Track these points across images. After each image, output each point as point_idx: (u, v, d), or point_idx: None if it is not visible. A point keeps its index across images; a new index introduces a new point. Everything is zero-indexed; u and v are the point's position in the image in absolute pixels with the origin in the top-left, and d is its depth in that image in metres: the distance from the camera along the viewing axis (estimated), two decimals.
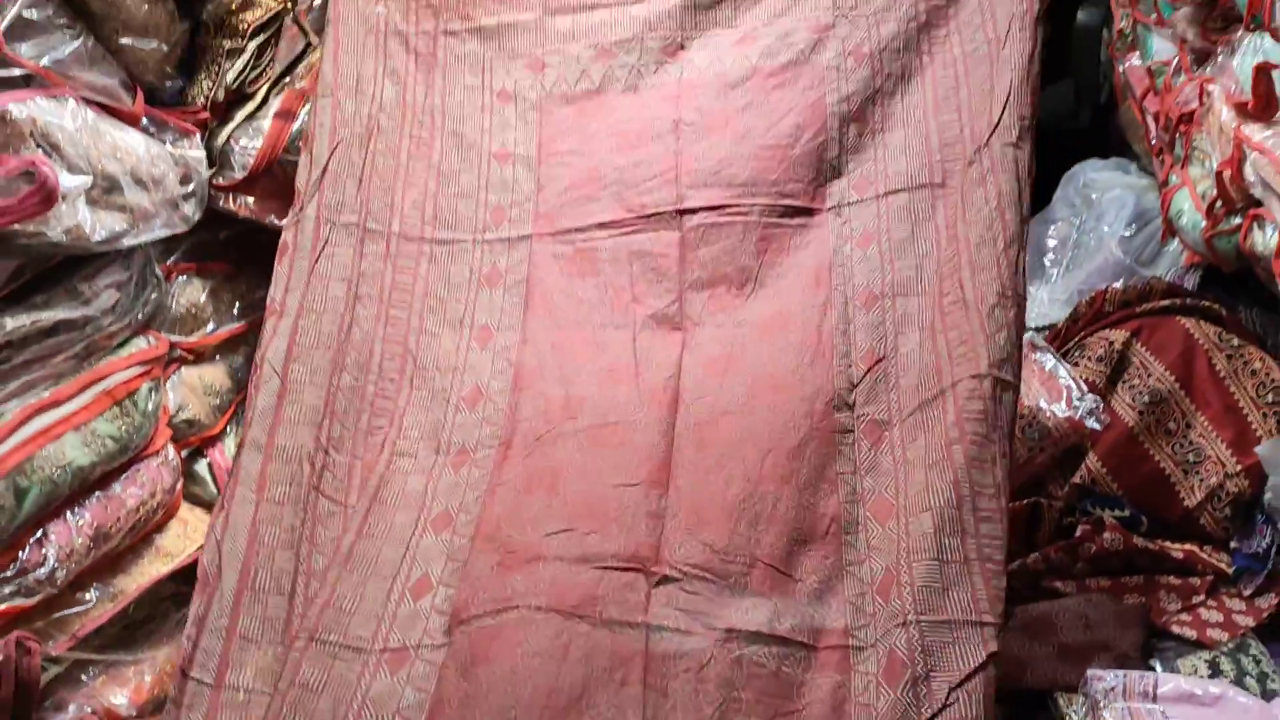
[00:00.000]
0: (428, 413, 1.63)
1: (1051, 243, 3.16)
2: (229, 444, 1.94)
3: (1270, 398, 2.16)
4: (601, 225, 1.75)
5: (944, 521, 1.35)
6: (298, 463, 1.57)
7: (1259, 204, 1.95)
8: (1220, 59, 2.27)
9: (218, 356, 1.97)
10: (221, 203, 1.96)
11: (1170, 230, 2.51)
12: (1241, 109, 2.04)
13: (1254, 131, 1.97)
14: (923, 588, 1.31)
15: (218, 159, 1.96)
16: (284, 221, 1.79)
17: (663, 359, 1.61)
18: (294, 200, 1.79)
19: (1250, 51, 2.06)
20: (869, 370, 1.53)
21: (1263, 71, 1.93)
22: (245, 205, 1.97)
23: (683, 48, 1.87)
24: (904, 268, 1.61)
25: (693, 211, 1.72)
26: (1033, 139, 1.63)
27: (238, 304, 2.01)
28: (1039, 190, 3.31)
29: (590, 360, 1.64)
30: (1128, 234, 2.92)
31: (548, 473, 1.53)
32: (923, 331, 1.54)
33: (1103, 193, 3.10)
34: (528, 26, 1.91)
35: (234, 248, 2.04)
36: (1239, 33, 2.19)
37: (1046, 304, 2.97)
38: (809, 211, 1.70)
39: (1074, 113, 3.46)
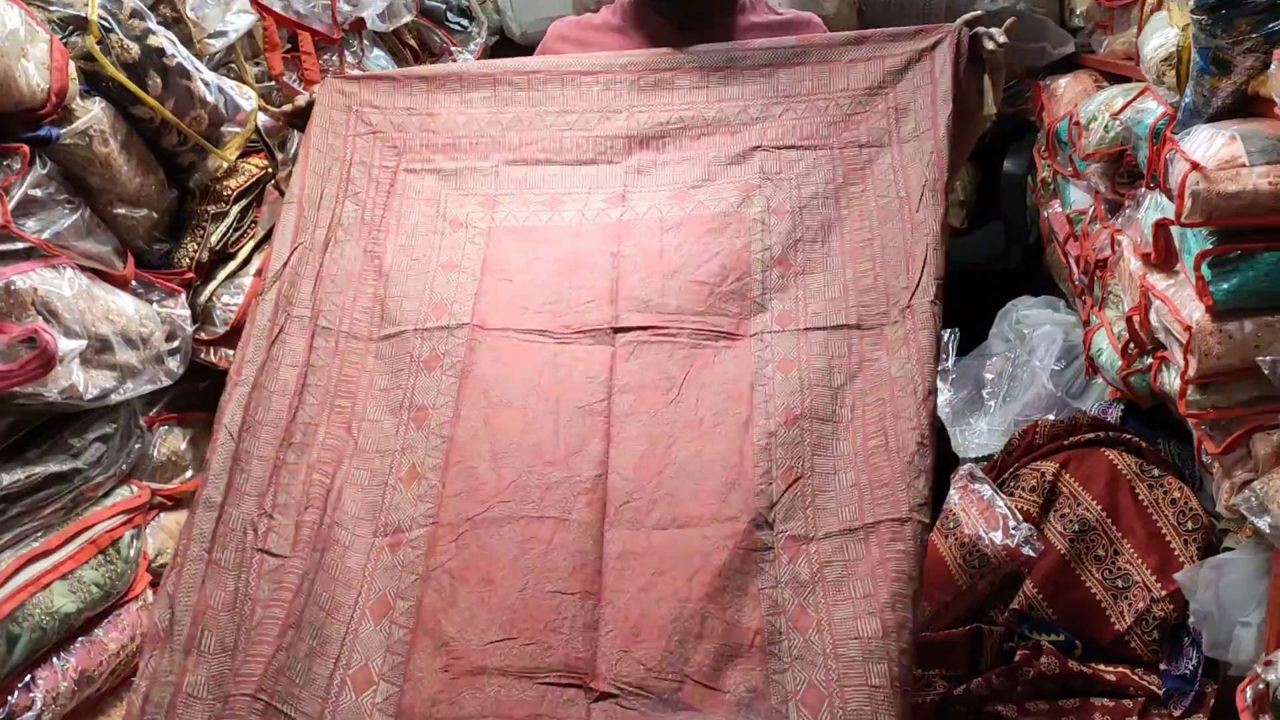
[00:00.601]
0: (365, 493, 1.70)
1: (989, 376, 3.33)
2: None
3: (1190, 525, 2.30)
4: (539, 331, 1.87)
5: (873, 652, 1.45)
6: (242, 530, 1.65)
7: (1165, 346, 2.12)
8: (1128, 211, 2.47)
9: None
10: (203, 355, 2.08)
11: (1092, 367, 2.69)
12: (1146, 259, 2.23)
13: (1157, 281, 2.15)
14: (854, 710, 1.42)
15: (200, 315, 2.09)
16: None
17: (592, 447, 1.71)
18: (262, 278, 1.91)
19: (1152, 207, 2.26)
20: (788, 488, 1.64)
21: (1161, 227, 2.12)
22: (225, 358, 2.08)
23: (624, 198, 2.03)
24: (821, 396, 1.73)
25: (625, 330, 1.86)
26: (944, 293, 1.78)
27: None
28: (977, 326, 3.53)
29: (520, 437, 1.72)
30: (1058, 368, 3.09)
31: (483, 562, 1.60)
32: (840, 461, 1.66)
33: (1034, 329, 3.29)
34: (484, 172, 2.06)
35: (213, 397, 2.14)
36: (1142, 189, 2.40)
37: (985, 435, 3.13)
38: (733, 336, 1.84)
39: (1006, 253, 3.68)
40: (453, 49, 3.26)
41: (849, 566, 1.55)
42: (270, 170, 2.22)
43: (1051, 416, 2.84)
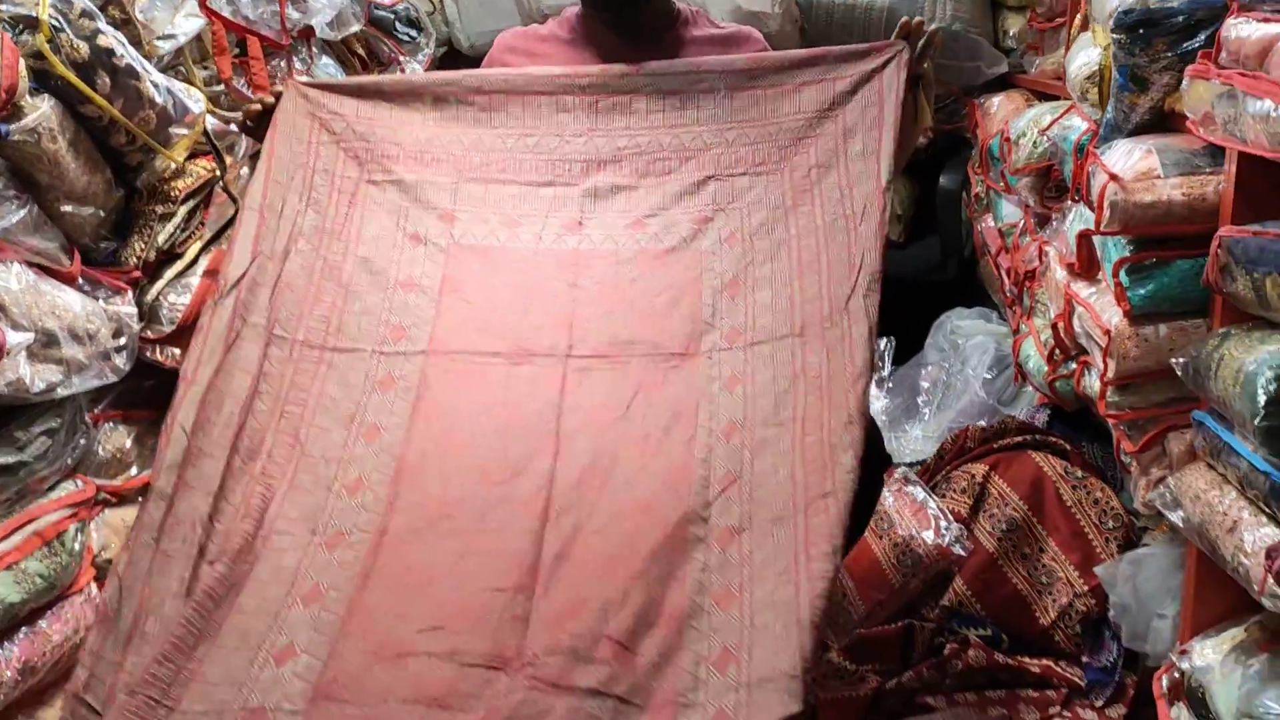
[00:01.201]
0: (309, 496, 1.73)
1: (925, 384, 3.42)
2: None
3: (1110, 524, 2.40)
4: (494, 354, 1.91)
5: (786, 613, 1.52)
6: (190, 524, 1.66)
7: (1087, 352, 2.22)
8: (1055, 224, 2.57)
9: (140, 498, 2.06)
10: (149, 354, 2.09)
11: (1021, 374, 2.79)
12: (1070, 269, 2.33)
13: (1080, 289, 2.25)
14: (759, 662, 1.48)
15: (147, 314, 2.10)
16: (204, 305, 1.92)
17: (538, 465, 1.75)
18: (214, 287, 1.92)
19: (1077, 218, 2.36)
20: (724, 490, 1.70)
21: (1084, 237, 2.22)
22: (171, 357, 2.10)
23: (581, 224, 2.07)
24: (764, 404, 1.79)
25: (579, 357, 1.91)
26: (879, 289, 1.85)
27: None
28: (913, 337, 3.63)
29: (468, 458, 1.76)
30: (989, 377, 3.19)
31: (423, 569, 1.64)
32: (780, 458, 1.72)
33: (967, 339, 3.39)
34: (444, 187, 2.09)
35: (160, 395, 2.15)
36: (1068, 201, 2.50)
37: (920, 441, 3.22)
38: (683, 356, 1.89)
39: (942, 265, 3.78)
40: (401, 59, 3.29)
41: (778, 549, 1.60)
42: (218, 173, 2.24)
43: (983, 423, 2.93)
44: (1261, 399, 1.52)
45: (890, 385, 3.46)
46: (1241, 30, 1.60)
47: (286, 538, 1.69)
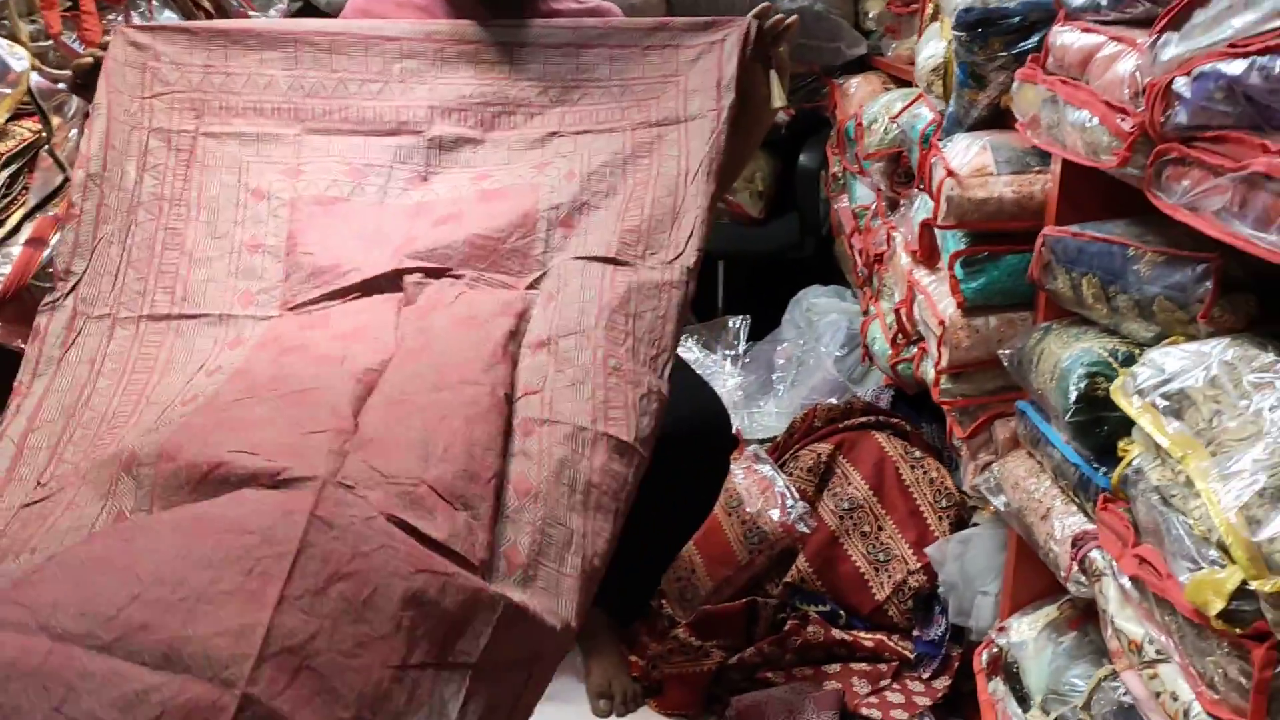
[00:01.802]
0: (145, 418, 1.70)
1: (780, 361, 3.48)
2: None
3: (944, 503, 2.49)
4: (336, 295, 1.89)
5: (571, 550, 1.58)
6: (15, 509, 1.61)
7: (925, 338, 2.29)
8: (902, 210, 2.63)
9: None
10: None
11: (868, 355, 2.86)
12: (914, 256, 2.39)
13: (922, 276, 2.32)
14: (539, 591, 1.52)
15: None
16: (40, 303, 1.84)
17: (374, 358, 1.74)
18: (54, 283, 1.84)
19: (921, 207, 2.42)
20: (524, 396, 1.72)
21: (926, 226, 2.28)
22: None
23: (425, 180, 2.06)
24: (570, 314, 1.82)
25: (410, 272, 1.90)
26: (699, 269, 1.91)
27: None
28: (770, 313, 3.69)
29: (305, 356, 1.75)
30: (841, 354, 3.27)
31: (239, 419, 1.59)
32: (578, 372, 1.75)
33: (821, 317, 3.46)
34: (286, 140, 2.04)
35: None
36: (914, 189, 2.56)
37: (774, 417, 3.28)
38: (512, 287, 1.91)
39: (800, 243, 3.85)
40: (252, 14, 3.17)
41: (572, 458, 1.64)
42: (44, 135, 2.13)
43: (834, 400, 3.01)
44: (1072, 395, 1.59)
45: (746, 362, 3.51)
46: (1066, 38, 1.66)
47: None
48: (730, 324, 3.58)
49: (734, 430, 2.38)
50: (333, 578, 1.31)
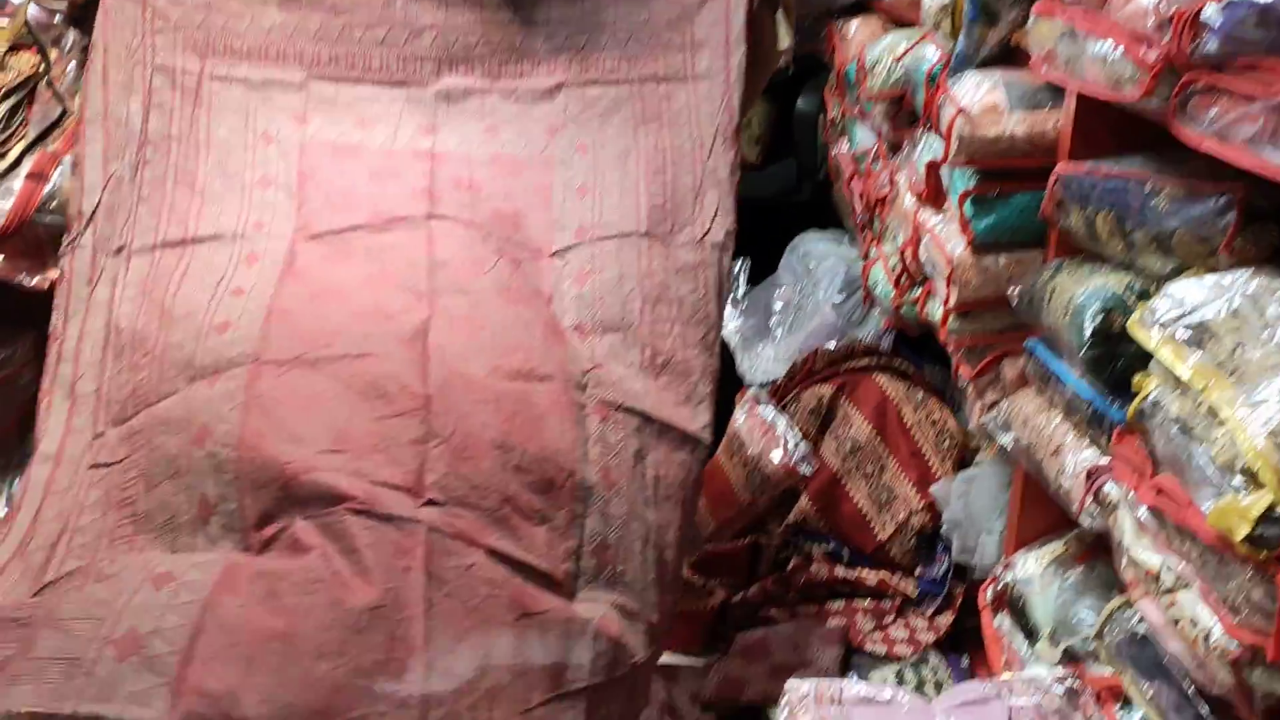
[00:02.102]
0: (180, 350, 1.71)
1: (777, 305, 3.47)
2: None
3: (947, 444, 2.51)
4: (355, 227, 1.89)
5: (649, 540, 1.65)
6: (82, 467, 1.64)
7: (932, 278, 2.29)
8: (906, 152, 2.62)
9: None
10: None
11: (869, 298, 2.86)
12: (919, 197, 2.38)
13: (927, 217, 2.31)
14: (630, 582, 1.62)
15: None
16: (60, 249, 1.85)
17: (414, 315, 1.75)
18: (69, 226, 1.84)
19: (926, 148, 2.40)
20: (593, 369, 1.76)
21: (932, 167, 2.27)
22: None
23: (434, 129, 2.03)
24: (612, 306, 1.85)
25: (441, 218, 1.90)
26: (734, 244, 1.95)
27: None
28: (768, 258, 3.68)
29: (343, 305, 1.76)
30: (840, 299, 3.26)
31: (305, 393, 1.63)
32: (630, 369, 1.78)
33: (819, 262, 3.44)
34: (292, 86, 2.02)
35: None
36: (919, 130, 2.55)
37: (771, 361, 3.28)
38: (537, 253, 1.91)
39: (797, 188, 3.82)
40: None
41: (643, 452, 1.70)
42: (42, 68, 2.09)
43: (831, 344, 3.01)
44: (1088, 330, 1.60)
45: (744, 306, 3.50)
46: None
47: (170, 386, 1.67)
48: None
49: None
50: (457, 638, 1.44)
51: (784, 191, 3.80)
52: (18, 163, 2.04)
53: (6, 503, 2.01)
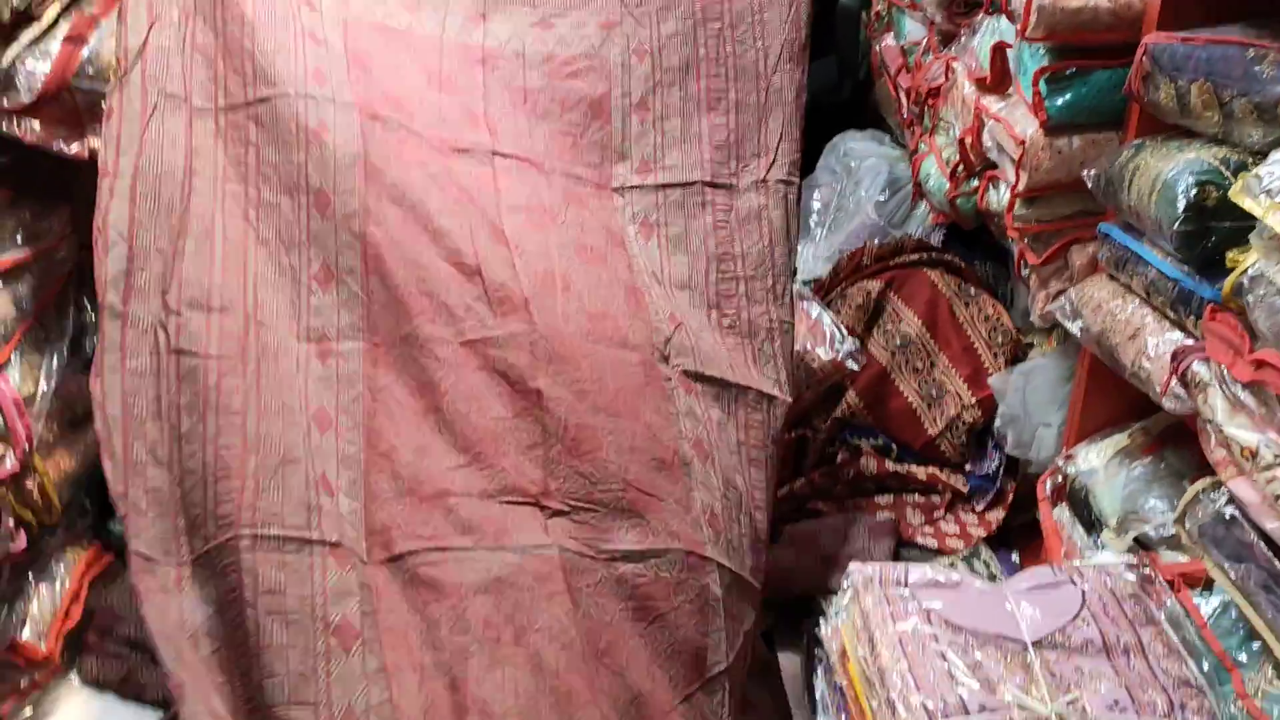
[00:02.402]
0: (278, 292, 1.66)
1: (816, 206, 3.40)
2: (14, 374, 1.88)
3: (1000, 339, 2.45)
4: (422, 138, 1.79)
5: (743, 510, 1.70)
6: (153, 332, 1.59)
7: (994, 166, 2.22)
8: (963, 40, 2.53)
9: (1, 284, 1.90)
10: (5, 126, 1.89)
11: (919, 193, 2.79)
12: (981, 83, 2.30)
13: (991, 103, 2.23)
14: (734, 544, 1.66)
15: (2, 82, 1.88)
16: (107, 88, 1.77)
17: (498, 260, 1.71)
18: (117, 65, 1.77)
19: (988, 32, 2.33)
20: (675, 330, 1.75)
21: (998, 50, 2.19)
22: (31, 130, 1.89)
23: (484, 17, 1.95)
24: (679, 264, 1.83)
25: (504, 156, 1.83)
26: (800, 174, 1.91)
27: (21, 231, 1.94)
28: (806, 157, 3.59)
29: (434, 243, 1.70)
30: (881, 199, 3.19)
31: (427, 388, 1.62)
32: (700, 327, 1.79)
33: (860, 161, 3.36)
34: None
35: (16, 173, 1.97)
36: (979, 16, 2.46)
37: (812, 261, 3.22)
38: (598, 186, 1.84)
39: (837, 86, 3.72)
40: None
41: (725, 418, 1.72)
42: None
43: (877, 241, 2.94)
44: (1180, 204, 1.53)
45: None
46: None
47: (269, 332, 1.63)
48: None
49: None
50: (600, 657, 1.52)
51: (824, 90, 3.70)
52: (54, 25, 1.95)
53: (46, 378, 1.96)
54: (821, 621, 1.92)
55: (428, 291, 1.66)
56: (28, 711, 1.89)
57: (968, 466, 2.41)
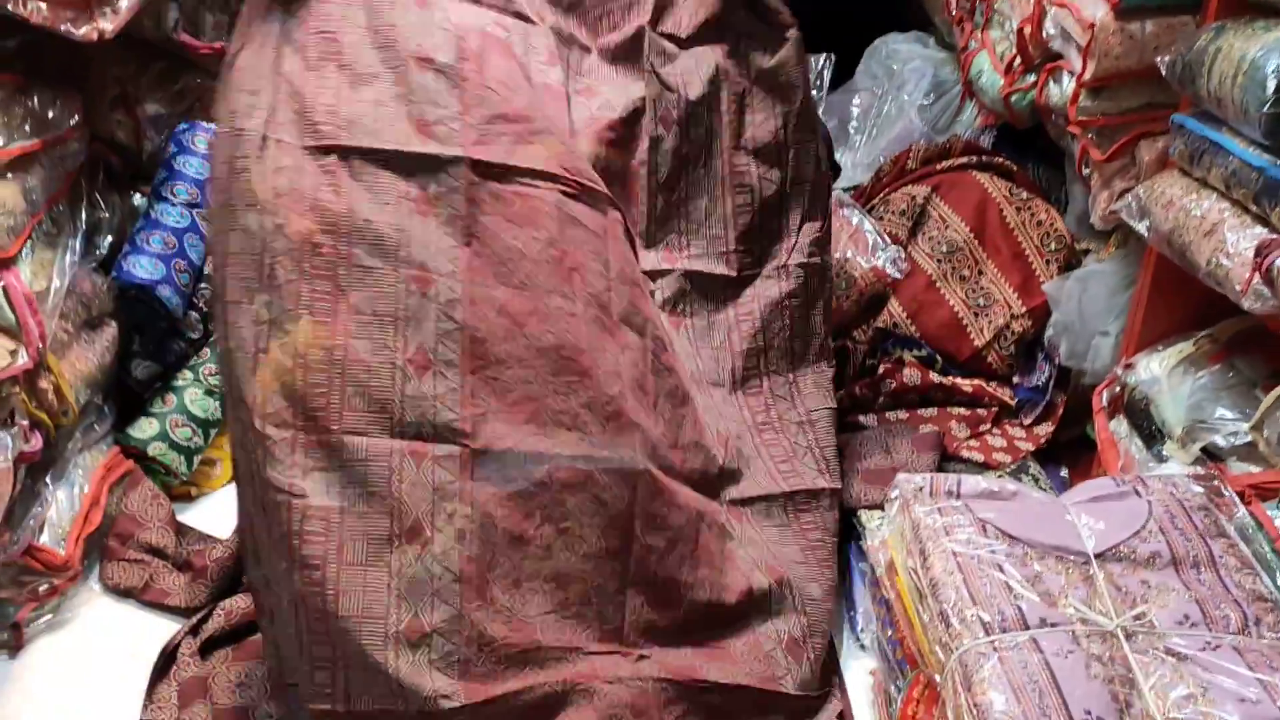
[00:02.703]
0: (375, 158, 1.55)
1: (855, 111, 3.26)
2: (25, 269, 1.80)
3: (1053, 245, 2.33)
4: (543, 175, 1.62)
5: (820, 617, 1.74)
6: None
7: (1054, 59, 2.08)
8: None
9: (10, 175, 1.80)
10: (10, 6, 1.78)
11: (969, 92, 2.65)
12: None
13: None
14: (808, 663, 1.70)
15: None
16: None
17: (607, 361, 1.62)
18: None
19: None
20: (726, 455, 1.74)
21: None
22: (38, 11, 1.78)
23: (552, 64, 1.78)
24: (707, 358, 1.82)
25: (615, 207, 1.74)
26: (829, 242, 1.94)
27: (30, 120, 1.84)
28: (844, 62, 3.44)
29: (539, 329, 1.58)
30: (926, 103, 3.05)
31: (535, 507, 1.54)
32: (740, 427, 1.81)
33: (903, 64, 3.21)
34: None
35: (24, 59, 1.87)
36: None
37: (851, 168, 3.09)
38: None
39: None
40: None
41: (781, 533, 1.75)
42: None
43: (922, 143, 2.81)
44: (1271, 85, 1.42)
45: (821, 109, 3.29)
46: None
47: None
48: (812, 62, 3.31)
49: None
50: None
51: None
52: None
53: (59, 274, 1.88)
54: (865, 534, 1.85)
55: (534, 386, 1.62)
56: (48, 616, 1.84)
57: (1015, 379, 2.30)
